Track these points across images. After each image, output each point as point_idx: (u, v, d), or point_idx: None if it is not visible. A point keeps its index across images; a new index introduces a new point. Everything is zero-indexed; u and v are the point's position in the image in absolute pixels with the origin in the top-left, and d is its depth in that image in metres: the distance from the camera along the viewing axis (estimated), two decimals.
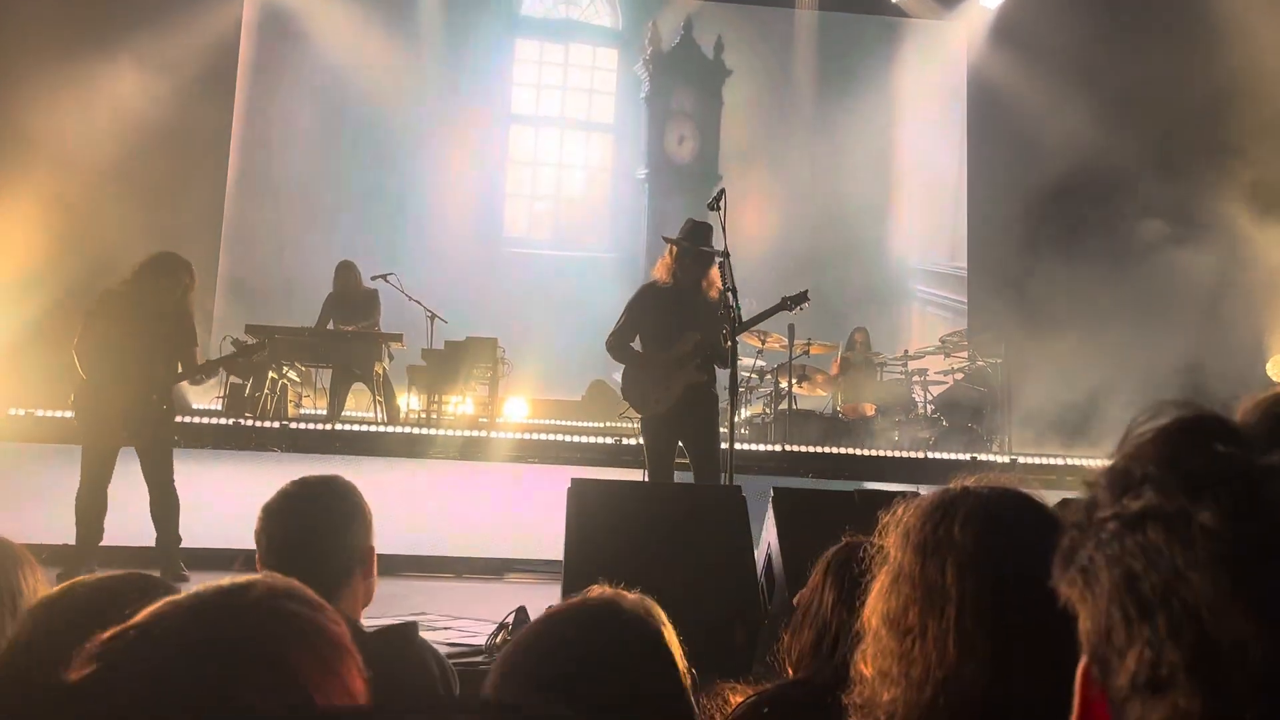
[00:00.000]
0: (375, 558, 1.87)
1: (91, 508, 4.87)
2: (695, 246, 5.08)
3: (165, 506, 5.00)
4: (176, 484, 5.11)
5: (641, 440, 5.37)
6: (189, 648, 0.73)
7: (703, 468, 5.03)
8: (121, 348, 4.93)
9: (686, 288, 5.11)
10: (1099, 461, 0.67)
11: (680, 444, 5.15)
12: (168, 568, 4.84)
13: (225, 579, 0.80)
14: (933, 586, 1.13)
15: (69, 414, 5.15)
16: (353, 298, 8.33)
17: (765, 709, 1.66)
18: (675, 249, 5.17)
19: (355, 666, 0.79)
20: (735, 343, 4.90)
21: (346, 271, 8.43)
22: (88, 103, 8.68)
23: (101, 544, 4.95)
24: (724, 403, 5.15)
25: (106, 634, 0.74)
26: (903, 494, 1.29)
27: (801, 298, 5.10)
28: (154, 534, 5.04)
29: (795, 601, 1.80)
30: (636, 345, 5.26)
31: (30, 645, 1.02)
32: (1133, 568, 0.55)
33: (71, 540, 4.86)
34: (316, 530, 1.77)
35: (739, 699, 1.75)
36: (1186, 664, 0.52)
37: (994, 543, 1.12)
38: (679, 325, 5.10)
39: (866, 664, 1.20)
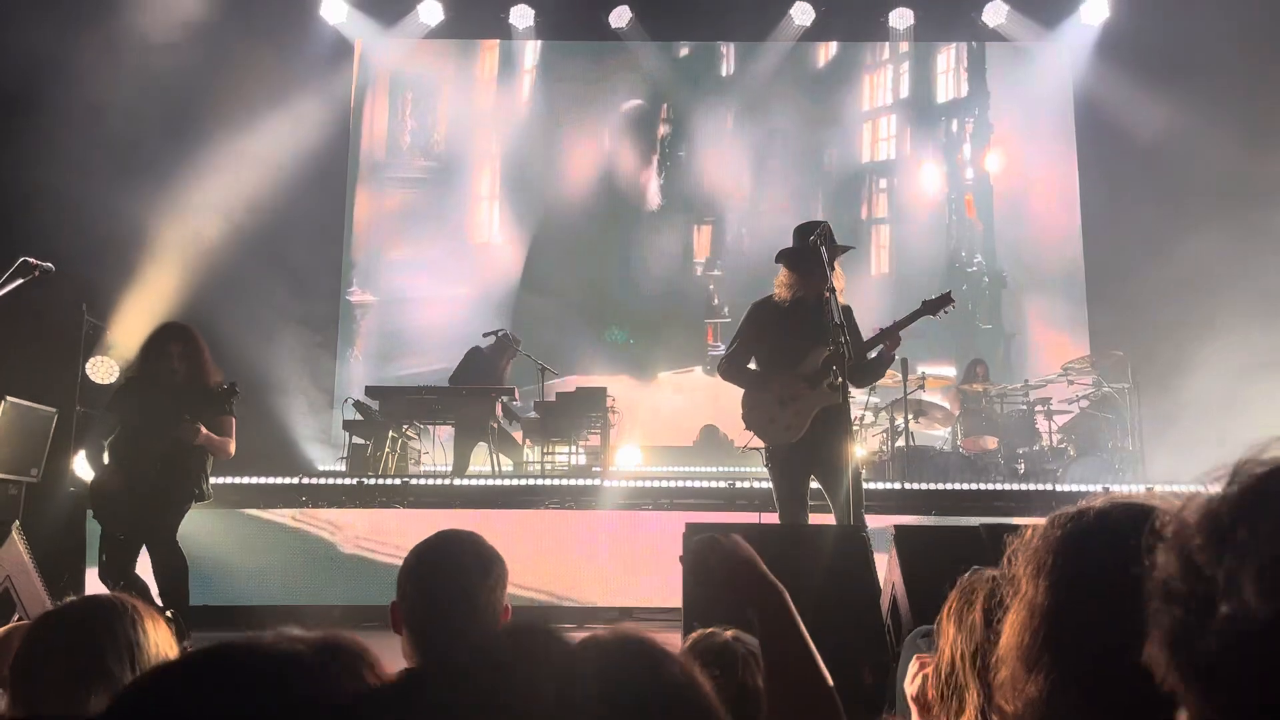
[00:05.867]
0: (510, 615, 1.89)
1: (115, 580, 4.60)
2: (812, 253, 4.33)
3: (171, 568, 4.67)
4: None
5: (768, 474, 4.60)
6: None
7: (847, 502, 4.17)
8: (130, 437, 4.67)
9: (808, 301, 4.50)
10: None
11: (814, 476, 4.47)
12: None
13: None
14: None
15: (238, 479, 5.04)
16: (493, 366, 8.63)
17: None
18: (790, 263, 4.58)
19: None
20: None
21: (504, 343, 8.73)
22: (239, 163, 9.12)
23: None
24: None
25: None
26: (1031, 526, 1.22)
27: (945, 300, 4.47)
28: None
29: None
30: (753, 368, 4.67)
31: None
32: None
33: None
34: (452, 584, 1.80)
35: None
36: None
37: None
38: (802, 342, 4.48)
39: (1006, 702, 1.15)
